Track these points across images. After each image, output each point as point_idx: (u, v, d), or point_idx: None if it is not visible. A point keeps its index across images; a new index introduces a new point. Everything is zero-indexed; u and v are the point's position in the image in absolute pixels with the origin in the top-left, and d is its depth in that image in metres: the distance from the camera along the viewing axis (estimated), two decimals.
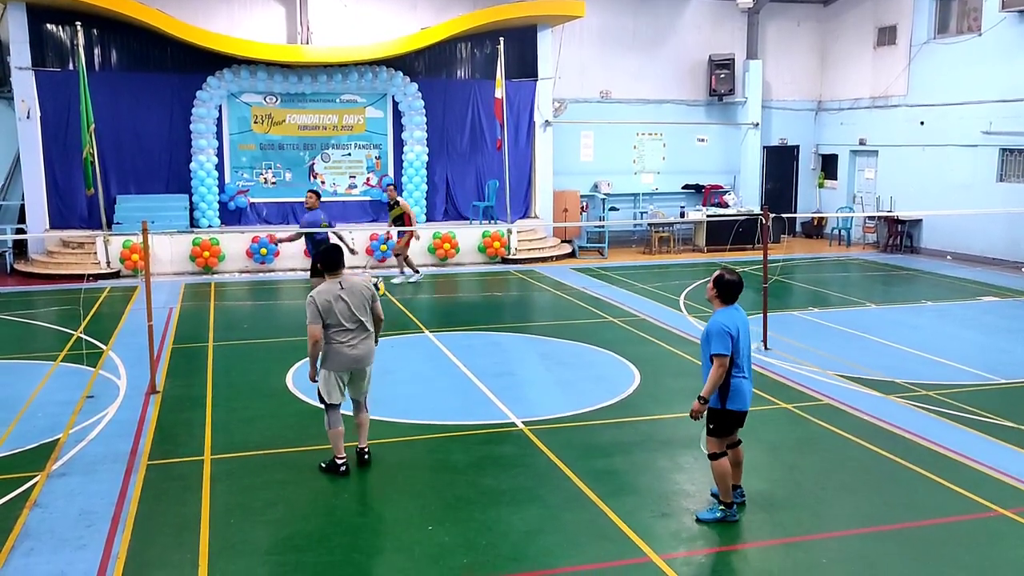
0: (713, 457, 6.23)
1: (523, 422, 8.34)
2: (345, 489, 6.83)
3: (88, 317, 12.84)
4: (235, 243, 17.56)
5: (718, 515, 6.25)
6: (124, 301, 14.41)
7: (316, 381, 7.11)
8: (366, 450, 7.28)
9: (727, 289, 6.22)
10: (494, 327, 12.66)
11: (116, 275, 16.76)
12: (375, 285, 8.10)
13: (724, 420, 6.22)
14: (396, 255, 16.61)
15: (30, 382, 9.63)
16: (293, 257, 17.83)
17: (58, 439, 7.82)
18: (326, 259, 7.11)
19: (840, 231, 22.12)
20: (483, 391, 9.37)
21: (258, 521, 6.26)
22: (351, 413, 7.38)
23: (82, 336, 11.54)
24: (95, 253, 16.97)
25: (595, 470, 7.19)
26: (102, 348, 11.12)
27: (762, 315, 11.29)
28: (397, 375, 9.89)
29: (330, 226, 13.34)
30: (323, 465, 7.13)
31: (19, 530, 6.05)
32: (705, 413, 6.20)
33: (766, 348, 11.03)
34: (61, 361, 10.54)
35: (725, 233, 19.53)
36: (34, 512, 6.34)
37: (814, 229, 23.32)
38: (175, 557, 5.71)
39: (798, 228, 23.87)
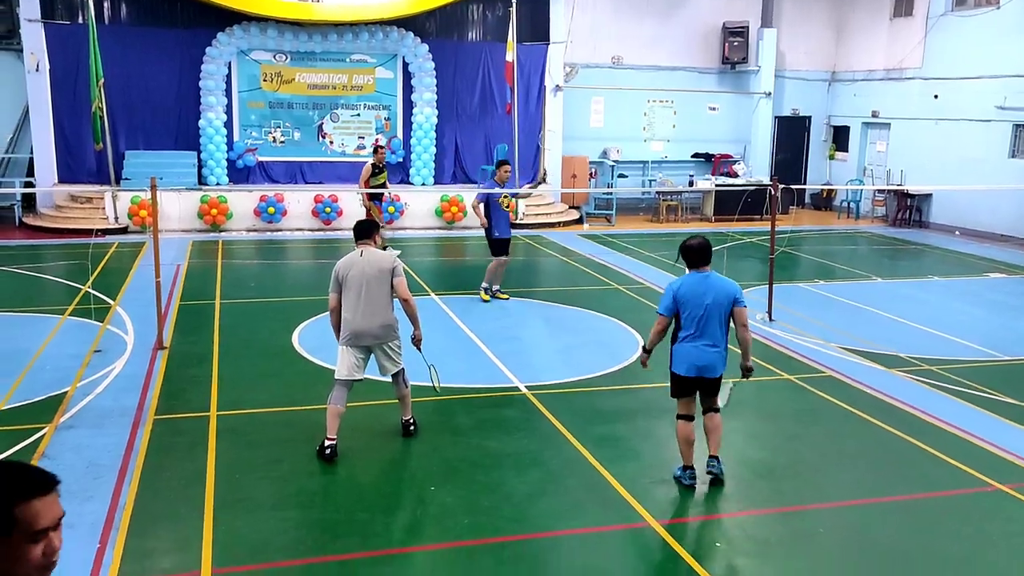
0: (678, 417, 6.40)
1: (527, 387, 8.40)
2: (349, 449, 6.90)
3: (96, 272, 12.89)
4: (243, 201, 17.54)
5: (676, 473, 6.38)
6: (132, 257, 14.46)
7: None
8: (410, 421, 7.16)
9: (687, 253, 6.31)
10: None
11: (124, 231, 16.80)
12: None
13: (673, 382, 6.36)
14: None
15: (38, 335, 9.71)
16: (300, 217, 17.85)
17: (66, 392, 7.91)
18: (357, 227, 6.98)
19: (849, 204, 22.02)
20: (488, 355, 9.42)
21: (263, 477, 6.35)
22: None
23: (90, 291, 11.61)
24: (103, 208, 17.00)
25: (597, 436, 7.25)
26: (110, 303, 11.18)
27: (768, 286, 11.29)
28: (401, 338, 9.93)
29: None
30: (318, 448, 6.71)
31: None
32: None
33: (771, 319, 11.05)
34: (69, 315, 10.61)
35: (733, 203, 19.45)
36: (42, 463, 6.43)
37: (823, 201, 23.22)
38: (181, 510, 5.81)
39: (807, 200, 23.75)
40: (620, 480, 6.40)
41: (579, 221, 19.98)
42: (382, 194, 14.44)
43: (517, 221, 18.82)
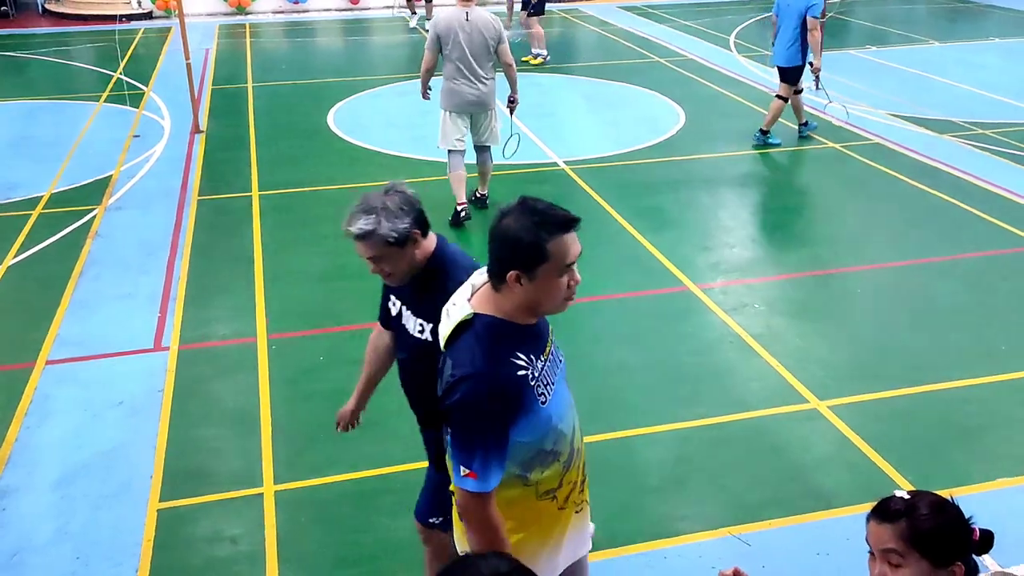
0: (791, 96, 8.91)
1: (565, 162, 8.32)
2: None
3: (126, 58, 12.68)
4: None
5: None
6: (160, 43, 14.15)
7: (427, 99, 7.03)
8: (486, 196, 7.22)
9: None
10: (535, 68, 12.29)
11: (148, 16, 16.34)
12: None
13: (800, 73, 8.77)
14: None
15: (77, 122, 9.72)
16: None
17: (111, 175, 8.02)
18: None
19: None
20: (523, 131, 9.26)
21: (310, 252, 6.50)
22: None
23: (122, 77, 11.46)
24: None
25: (637, 207, 7.24)
26: (143, 89, 11.07)
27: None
28: (435, 116, 9.78)
29: None
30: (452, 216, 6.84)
31: (85, 258, 6.37)
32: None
33: (816, 88, 10.61)
34: (104, 102, 10.56)
35: None
36: (97, 242, 6.64)
37: None
38: (233, 282, 6.01)
39: None
40: (660, 248, 6.45)
41: None
42: None
43: None
